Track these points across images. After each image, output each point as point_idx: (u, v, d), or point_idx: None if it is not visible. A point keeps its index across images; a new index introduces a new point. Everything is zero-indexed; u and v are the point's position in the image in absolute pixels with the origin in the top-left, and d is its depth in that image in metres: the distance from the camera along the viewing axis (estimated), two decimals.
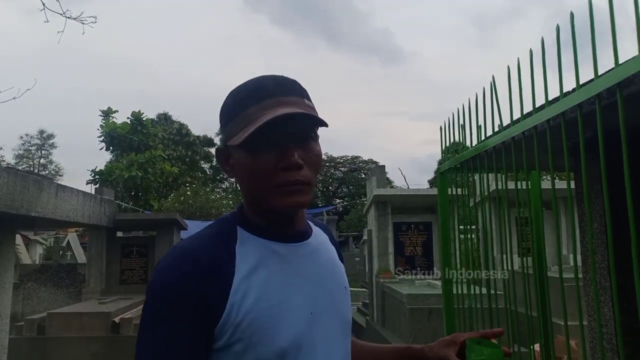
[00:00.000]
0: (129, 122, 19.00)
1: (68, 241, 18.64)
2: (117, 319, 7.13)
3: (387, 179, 34.37)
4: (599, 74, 1.91)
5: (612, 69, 1.83)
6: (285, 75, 1.07)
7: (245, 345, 0.94)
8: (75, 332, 6.92)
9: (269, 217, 1.06)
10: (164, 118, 34.56)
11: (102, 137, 18.46)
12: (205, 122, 63.75)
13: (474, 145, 3.19)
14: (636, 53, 1.70)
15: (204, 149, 37.88)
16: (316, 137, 1.06)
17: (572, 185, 2.49)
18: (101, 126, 18.46)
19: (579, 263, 2.62)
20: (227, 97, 1.07)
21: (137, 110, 19.10)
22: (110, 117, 18.80)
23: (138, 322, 7.20)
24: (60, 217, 4.96)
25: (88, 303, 8.50)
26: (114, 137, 18.39)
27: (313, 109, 1.04)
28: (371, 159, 41.78)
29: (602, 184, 1.92)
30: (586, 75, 2.01)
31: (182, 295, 0.92)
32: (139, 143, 18.77)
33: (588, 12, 1.94)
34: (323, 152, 1.10)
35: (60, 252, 18.17)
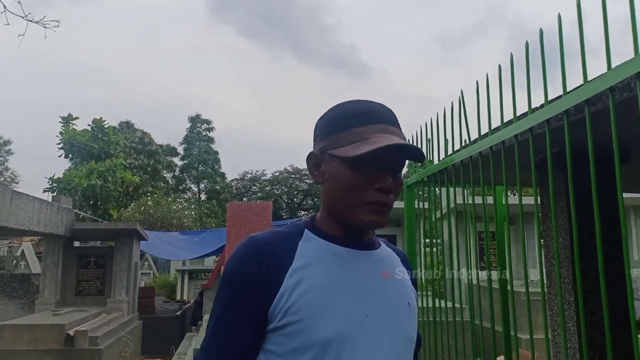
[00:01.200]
0: (90, 130, 18.58)
1: (22, 250, 18.07)
2: (71, 331, 6.91)
3: None
4: (568, 90, 1.93)
5: (580, 86, 1.85)
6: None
7: (294, 329, 1.04)
8: (28, 345, 6.67)
9: (343, 227, 1.16)
10: (126, 126, 33.93)
11: (62, 145, 17.99)
12: (168, 131, 62.90)
13: (441, 159, 3.20)
14: (595, 73, 1.73)
15: (167, 158, 37.31)
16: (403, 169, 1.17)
17: (538, 201, 2.51)
18: (61, 133, 17.99)
19: (540, 277, 2.64)
20: (334, 110, 1.18)
21: (98, 118, 18.70)
22: (71, 124, 18.36)
23: (94, 334, 6.99)
24: (14, 225, 4.76)
25: (42, 314, 8.22)
26: (73, 145, 17.94)
27: (421, 149, 1.17)
28: None
29: (570, 198, 1.93)
30: (554, 92, 2.04)
31: (240, 279, 1.08)
32: (100, 151, 18.36)
33: (547, 34, 1.97)
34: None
35: (14, 261, 17.58)
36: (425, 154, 1.13)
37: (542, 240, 2.36)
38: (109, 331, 7.81)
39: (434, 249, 3.91)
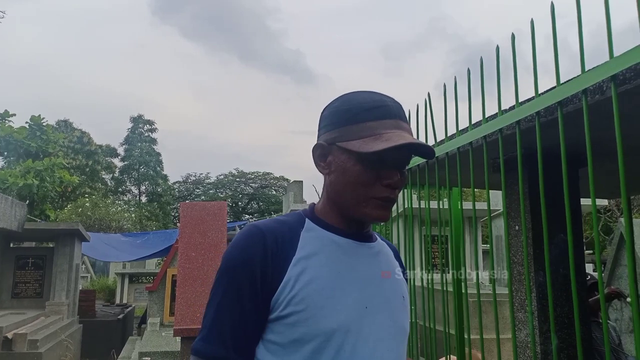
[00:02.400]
0: (28, 127, 17.82)
1: None
2: (10, 334, 6.61)
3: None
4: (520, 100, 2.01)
5: (551, 88, 1.94)
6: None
7: (297, 319, 1.02)
8: None
9: (344, 217, 1.15)
10: (65, 125, 32.79)
11: None
12: (108, 132, 61.11)
13: None
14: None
15: (106, 159, 36.23)
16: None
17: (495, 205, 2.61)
18: None
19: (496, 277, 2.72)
20: (343, 101, 1.15)
21: (36, 115, 17.96)
22: (7, 121, 17.54)
23: (33, 338, 6.72)
24: None
25: None
26: (9, 142, 17.13)
27: (432, 148, 1.14)
28: (283, 176, 41.86)
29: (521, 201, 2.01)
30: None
31: (243, 267, 1.05)
32: (38, 149, 17.62)
33: (487, 47, 2.06)
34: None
35: None
36: (435, 153, 1.14)
37: (507, 241, 2.45)
38: (49, 334, 7.51)
39: None
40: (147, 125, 38.85)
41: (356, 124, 1.10)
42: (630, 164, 2.70)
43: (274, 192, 40.90)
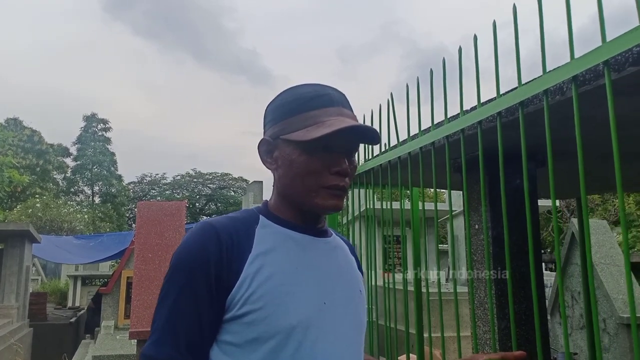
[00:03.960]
0: None
1: None
2: None
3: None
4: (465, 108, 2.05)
5: (513, 89, 1.97)
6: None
7: (255, 317, 0.99)
8: None
9: (299, 211, 1.13)
10: (14, 123, 31.74)
11: None
12: (60, 131, 59.38)
13: (366, 160, 3.28)
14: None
15: (58, 158, 35.25)
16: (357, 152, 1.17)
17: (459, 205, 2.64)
18: None
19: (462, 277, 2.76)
20: (285, 94, 1.14)
21: None
22: None
23: None
24: None
25: None
26: None
27: (377, 130, 1.13)
28: (241, 177, 41.56)
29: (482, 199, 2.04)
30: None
31: (197, 267, 1.00)
32: None
33: (440, 54, 2.09)
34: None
35: None
36: (380, 137, 1.13)
37: (469, 239, 2.48)
38: None
39: None
40: (101, 124, 37.97)
41: (299, 115, 1.09)
42: (585, 165, 2.78)
43: (233, 193, 40.54)
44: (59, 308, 13.54)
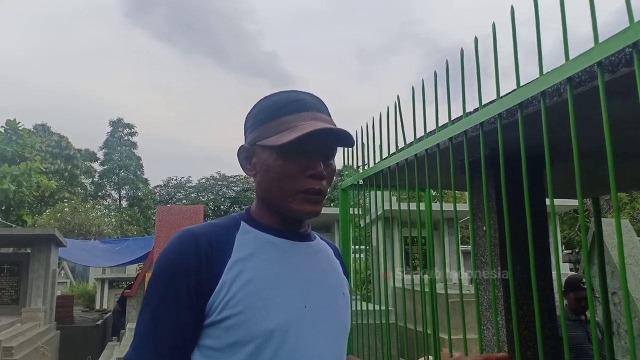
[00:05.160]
0: (3, 132, 17.59)
1: None
2: None
3: None
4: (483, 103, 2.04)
5: (512, 91, 1.96)
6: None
7: (234, 322, 1.01)
8: None
9: (280, 216, 1.14)
10: (42, 129, 32.39)
11: None
12: (86, 136, 60.35)
13: (376, 162, 3.28)
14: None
15: (85, 163, 35.87)
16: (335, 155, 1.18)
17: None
18: None
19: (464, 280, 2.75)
20: (262, 102, 1.17)
21: (12, 119, 17.74)
22: None
23: (8, 345, 6.62)
24: None
25: None
26: None
27: (349, 132, 1.14)
28: None
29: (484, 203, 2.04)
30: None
31: (178, 274, 1.03)
32: (14, 154, 17.41)
33: (458, 50, 2.08)
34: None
35: None
36: (355, 140, 1.14)
37: (473, 241, 2.47)
38: (25, 341, 7.42)
39: (362, 255, 3.98)
40: (127, 129, 38.55)
41: (273, 121, 1.11)
42: (595, 165, 2.75)
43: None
44: (86, 311, 13.78)
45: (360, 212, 3.63)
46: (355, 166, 3.67)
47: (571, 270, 12.37)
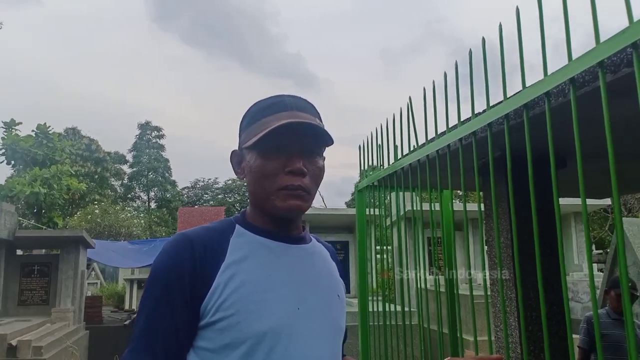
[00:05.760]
0: (34, 135, 17.98)
1: None
2: (14, 342, 6.67)
3: None
4: (508, 95, 2.03)
5: (518, 92, 1.95)
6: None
7: (227, 324, 1.03)
8: None
9: (270, 219, 1.16)
10: (73, 133, 33.04)
11: (3, 151, 17.35)
12: (116, 139, 61.43)
13: (390, 163, 3.28)
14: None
15: (115, 165, 36.49)
16: (321, 153, 1.18)
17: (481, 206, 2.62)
18: (2, 139, 17.34)
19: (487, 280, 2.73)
20: (249, 108, 1.20)
21: (42, 123, 18.12)
22: (13, 130, 17.71)
23: (38, 344, 6.77)
24: None
25: None
26: (16, 151, 17.26)
27: (323, 127, 1.15)
28: None
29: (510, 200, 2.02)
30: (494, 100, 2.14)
31: (173, 276, 1.05)
32: (44, 157, 17.77)
33: (488, 48, 2.07)
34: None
35: None
36: (332, 136, 1.15)
37: (485, 241, 2.46)
38: (54, 341, 7.58)
39: (384, 255, 3.97)
40: (155, 132, 39.08)
41: (254, 123, 1.14)
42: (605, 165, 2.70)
43: None
44: (115, 311, 14.01)
45: (378, 213, 3.62)
46: (372, 167, 3.67)
47: (600, 270, 12.11)
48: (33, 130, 18.18)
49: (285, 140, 1.10)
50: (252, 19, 79.66)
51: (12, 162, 17.88)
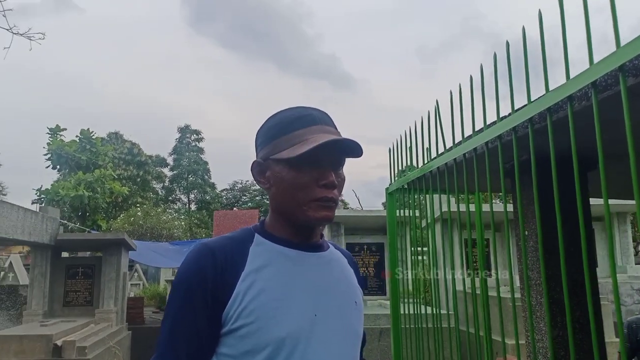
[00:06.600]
0: (78, 141, 18.55)
1: (10, 262, 17.96)
2: (59, 342, 6.89)
3: (343, 200, 34.56)
4: (532, 99, 2.01)
5: (542, 96, 1.93)
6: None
7: (248, 330, 1.07)
8: (14, 356, 6.63)
9: (294, 227, 1.20)
10: (115, 137, 33.88)
11: (49, 156, 17.95)
12: (157, 142, 62.72)
13: (420, 166, 3.28)
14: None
15: (156, 168, 37.27)
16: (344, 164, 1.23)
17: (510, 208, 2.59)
18: (48, 144, 17.95)
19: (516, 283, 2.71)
20: (271, 120, 1.23)
21: (86, 129, 18.69)
22: (58, 135, 18.32)
23: (82, 345, 6.97)
24: None
25: (29, 325, 8.17)
26: (61, 156, 17.87)
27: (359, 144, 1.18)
28: None
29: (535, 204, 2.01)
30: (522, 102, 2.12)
31: (195, 285, 1.10)
32: (88, 162, 18.32)
33: (524, 45, 2.05)
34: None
35: (2, 273, 17.45)
36: (362, 149, 1.18)
37: (511, 244, 2.44)
38: (97, 341, 7.79)
39: (420, 257, 3.96)
40: (194, 135, 39.75)
41: (285, 135, 1.17)
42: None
43: None
44: (157, 312, 14.28)
45: (410, 214, 3.62)
46: (409, 167, 3.66)
47: None
48: (77, 136, 18.74)
49: (322, 155, 1.13)
50: (287, 21, 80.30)
51: (58, 166, 18.49)
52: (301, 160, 1.13)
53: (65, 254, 10.77)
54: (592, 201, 2.80)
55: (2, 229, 4.94)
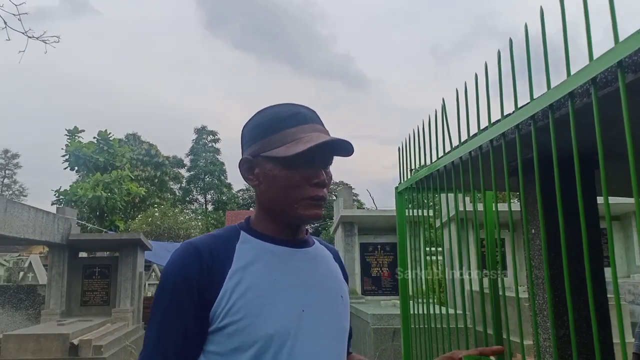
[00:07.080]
0: (95, 142, 18.76)
1: (30, 262, 18.23)
2: (75, 341, 6.98)
3: (358, 200, 34.50)
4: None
5: (543, 94, 1.92)
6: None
7: (236, 328, 1.07)
8: (32, 355, 6.74)
9: (281, 224, 1.20)
10: (133, 138, 34.25)
11: (67, 157, 18.18)
12: (174, 143, 63.22)
13: (427, 165, 3.27)
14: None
15: (174, 169, 37.55)
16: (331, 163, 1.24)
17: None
18: (66, 145, 18.18)
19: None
20: (260, 115, 1.23)
21: (103, 130, 18.89)
22: (77, 137, 18.54)
23: (98, 344, 7.06)
24: (9, 233, 4.89)
25: (46, 324, 8.30)
26: (79, 157, 18.08)
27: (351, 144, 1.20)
28: (342, 181, 41.99)
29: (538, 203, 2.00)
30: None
31: (181, 284, 1.09)
32: (105, 163, 18.51)
33: (526, 43, 2.05)
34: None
35: (21, 273, 17.70)
36: (354, 148, 1.19)
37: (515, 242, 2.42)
38: (113, 340, 7.89)
39: (434, 257, 3.95)
40: (211, 136, 39.98)
41: (277, 133, 1.16)
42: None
43: (334, 198, 40.87)
44: None
45: (426, 214, 3.61)
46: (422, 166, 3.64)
47: None
48: (94, 137, 18.95)
49: (315, 155, 1.14)
50: (300, 21, 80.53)
51: (76, 168, 18.71)
52: (295, 159, 1.13)
53: (83, 254, 10.91)
54: (610, 200, 2.76)
55: (13, 228, 5.03)
